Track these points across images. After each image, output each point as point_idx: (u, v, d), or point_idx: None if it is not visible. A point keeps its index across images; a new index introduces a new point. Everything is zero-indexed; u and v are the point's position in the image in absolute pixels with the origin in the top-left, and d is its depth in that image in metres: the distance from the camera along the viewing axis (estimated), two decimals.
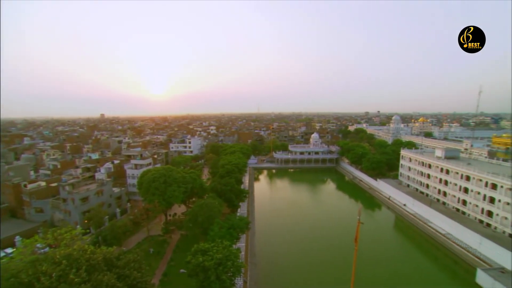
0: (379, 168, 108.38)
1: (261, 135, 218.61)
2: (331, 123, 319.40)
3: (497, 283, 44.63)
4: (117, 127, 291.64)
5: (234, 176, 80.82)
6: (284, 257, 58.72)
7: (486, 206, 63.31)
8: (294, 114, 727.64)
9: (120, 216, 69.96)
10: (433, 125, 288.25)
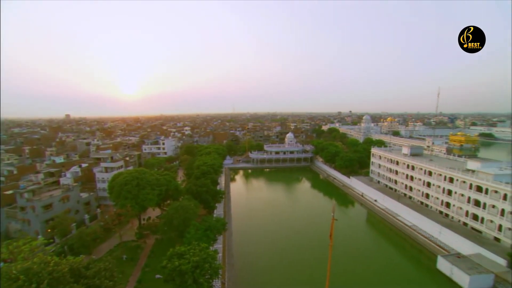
0: (352, 166, 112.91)
1: (237, 135, 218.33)
2: (305, 123, 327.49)
3: (454, 268, 48.70)
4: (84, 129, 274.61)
5: (210, 177, 79.93)
6: (262, 256, 59.20)
7: (445, 198, 68.72)
8: (269, 114, 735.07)
9: (89, 223, 66.06)
10: (400, 124, 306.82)
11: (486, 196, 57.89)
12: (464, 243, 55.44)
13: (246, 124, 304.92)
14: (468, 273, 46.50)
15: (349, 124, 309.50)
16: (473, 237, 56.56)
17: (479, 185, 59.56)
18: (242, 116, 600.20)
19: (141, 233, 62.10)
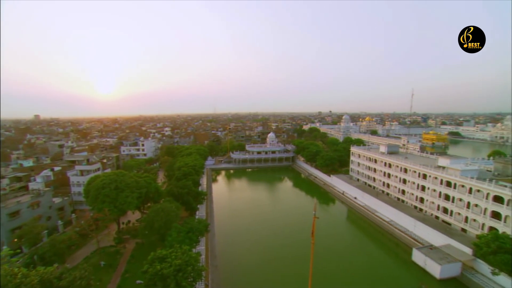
0: (332, 164, 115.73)
1: (218, 136, 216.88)
2: (286, 123, 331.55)
3: (428, 259, 51.47)
4: (57, 130, 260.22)
5: (191, 178, 78.77)
6: (245, 256, 59.20)
7: (419, 194, 72.36)
8: (250, 114, 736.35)
9: (63, 229, 62.59)
10: (377, 124, 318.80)
11: (455, 190, 61.67)
12: (436, 235, 58.73)
13: (228, 124, 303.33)
14: (439, 263, 49.38)
15: (329, 124, 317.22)
16: (444, 229, 60.08)
17: (449, 181, 63.34)
18: (224, 116, 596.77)
19: (120, 238, 59.92)
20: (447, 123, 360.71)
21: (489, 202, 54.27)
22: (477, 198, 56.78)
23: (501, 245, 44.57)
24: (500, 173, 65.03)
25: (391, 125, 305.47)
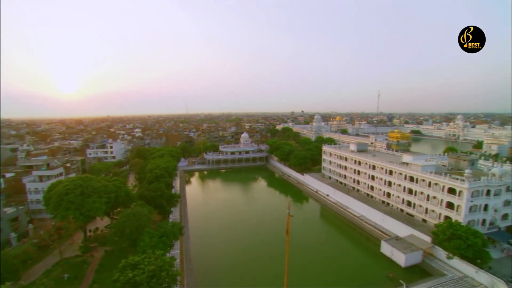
0: (305, 163, 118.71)
1: (191, 137, 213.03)
2: (260, 123, 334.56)
3: (394, 249, 54.99)
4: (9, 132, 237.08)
5: (164, 181, 76.46)
6: (221, 258, 58.70)
7: (386, 189, 76.97)
8: (223, 114, 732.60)
9: (17, 242, 56.86)
10: (347, 123, 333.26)
11: (417, 184, 66.55)
12: (401, 227, 62.89)
13: (201, 124, 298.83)
14: (404, 252, 52.97)
15: (301, 124, 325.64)
16: (408, 221, 64.52)
17: (412, 176, 68.16)
18: (196, 117, 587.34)
19: (87, 246, 56.28)
20: (409, 122, 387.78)
21: (445, 194, 59.39)
22: (435, 191, 61.81)
23: (454, 232, 49.13)
24: (453, 167, 71.29)
25: (360, 124, 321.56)
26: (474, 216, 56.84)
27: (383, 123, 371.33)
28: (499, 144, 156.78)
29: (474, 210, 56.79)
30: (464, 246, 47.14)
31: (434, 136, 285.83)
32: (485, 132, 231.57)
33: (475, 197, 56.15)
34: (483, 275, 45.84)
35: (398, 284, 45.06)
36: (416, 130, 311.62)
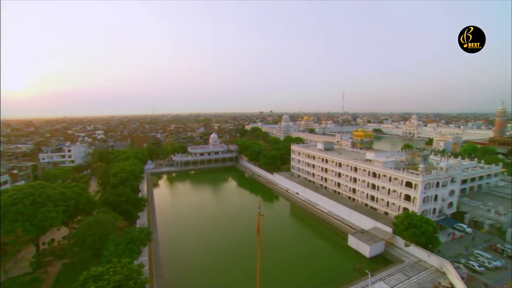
0: (274, 163, 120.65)
1: (158, 138, 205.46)
2: (229, 123, 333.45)
3: (360, 242, 58.33)
4: None
5: (130, 185, 72.79)
6: (192, 261, 57.30)
7: (352, 185, 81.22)
8: (192, 115, 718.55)
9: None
10: (314, 123, 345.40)
11: (379, 180, 71.25)
12: (366, 220, 66.89)
13: (168, 125, 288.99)
14: (368, 243, 56.47)
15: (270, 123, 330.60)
16: (372, 214, 68.80)
17: (374, 172, 72.80)
18: (163, 118, 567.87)
19: (40, 261, 51.19)
20: (371, 121, 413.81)
21: (403, 187, 64.43)
22: (394, 185, 66.73)
23: (410, 221, 53.65)
24: (409, 162, 77.61)
25: (327, 124, 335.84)
26: (427, 206, 62.46)
27: (348, 122, 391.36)
28: (445, 141, 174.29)
29: (426, 200, 62.38)
30: (419, 233, 51.69)
31: (393, 134, 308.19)
32: (434, 130, 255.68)
33: (427, 189, 61.71)
34: (433, 258, 50.87)
35: (364, 274, 47.82)
36: (378, 129, 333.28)
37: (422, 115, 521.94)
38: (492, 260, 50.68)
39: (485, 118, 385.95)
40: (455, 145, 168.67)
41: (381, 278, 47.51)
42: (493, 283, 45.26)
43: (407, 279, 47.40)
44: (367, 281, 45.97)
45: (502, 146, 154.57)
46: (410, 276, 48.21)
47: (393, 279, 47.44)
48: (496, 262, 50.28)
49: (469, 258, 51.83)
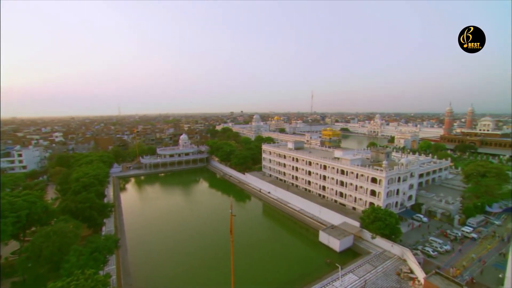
0: (246, 163, 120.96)
1: (125, 140, 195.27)
2: (199, 124, 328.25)
3: (330, 237, 60.74)
4: None
5: (94, 190, 68.15)
6: (164, 266, 55.25)
7: (321, 183, 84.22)
8: (161, 115, 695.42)
9: None
10: (285, 122, 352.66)
11: (347, 177, 74.78)
12: (335, 216, 69.81)
13: (135, 126, 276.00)
14: (338, 238, 59.04)
15: (241, 124, 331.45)
16: (341, 210, 72.00)
17: (342, 169, 76.22)
18: (130, 118, 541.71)
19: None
20: (339, 121, 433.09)
21: (369, 183, 68.36)
22: (361, 181, 70.52)
23: (376, 215, 57.07)
24: (374, 159, 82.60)
25: (297, 124, 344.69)
26: (390, 200, 66.99)
27: (317, 122, 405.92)
28: (405, 139, 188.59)
29: (390, 195, 66.90)
30: (383, 226, 55.24)
31: (359, 133, 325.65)
32: (395, 129, 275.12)
33: (390, 184, 66.18)
34: (396, 248, 54.91)
35: (335, 267, 49.90)
36: (345, 128, 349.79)
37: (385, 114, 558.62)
38: (443, 244, 56.34)
39: (437, 118, 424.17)
40: (413, 143, 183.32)
41: (351, 270, 49.93)
42: (444, 265, 50.25)
43: (374, 268, 50.40)
44: (337, 274, 48.02)
45: (451, 143, 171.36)
46: (376, 266, 51.33)
47: (361, 270, 50.11)
48: (446, 246, 56.01)
49: (425, 245, 56.85)
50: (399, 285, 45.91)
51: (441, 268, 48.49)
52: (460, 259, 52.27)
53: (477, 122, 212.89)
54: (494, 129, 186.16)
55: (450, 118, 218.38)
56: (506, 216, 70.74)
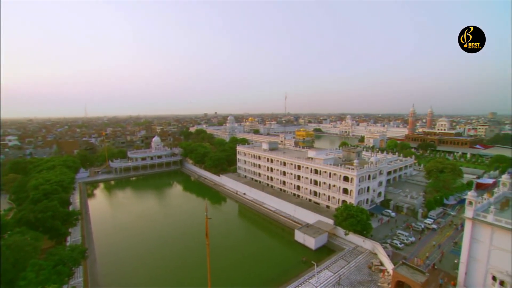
0: (221, 164, 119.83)
1: (92, 143, 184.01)
2: (172, 126, 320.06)
3: (305, 236, 61.99)
4: None
5: (57, 197, 63.20)
6: (138, 274, 52.64)
7: (296, 182, 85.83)
8: (131, 117, 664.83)
9: None
10: (259, 123, 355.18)
11: (320, 176, 76.98)
12: (310, 215, 71.45)
13: (104, 129, 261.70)
14: (313, 236, 60.44)
15: (215, 125, 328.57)
16: (315, 209, 73.85)
17: (316, 169, 78.33)
18: (98, 120, 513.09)
19: None
20: (312, 121, 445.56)
21: (341, 182, 70.96)
22: (334, 180, 73.00)
23: (349, 212, 59.41)
24: (346, 159, 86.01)
25: (271, 124, 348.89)
26: (361, 197, 70.08)
27: (291, 122, 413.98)
28: (374, 138, 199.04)
29: (361, 192, 70.00)
30: (356, 222, 57.65)
31: (332, 133, 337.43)
32: (365, 129, 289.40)
33: (361, 181, 69.29)
34: (368, 243, 57.45)
35: (311, 265, 51.00)
36: (318, 128, 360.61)
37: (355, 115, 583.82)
38: (409, 237, 60.36)
39: (402, 118, 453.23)
40: (381, 142, 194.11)
41: (326, 267, 51.34)
42: (409, 255, 53.86)
43: (347, 264, 52.33)
44: (313, 271, 49.13)
45: (414, 142, 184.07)
46: (349, 261, 53.33)
47: (335, 266, 51.75)
48: (411, 238, 60.08)
49: (393, 238, 60.37)
50: (371, 278, 48.10)
51: (407, 259, 51.72)
52: (423, 249, 56.41)
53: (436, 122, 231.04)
54: (449, 129, 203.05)
55: (413, 119, 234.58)
56: (460, 207, 77.38)
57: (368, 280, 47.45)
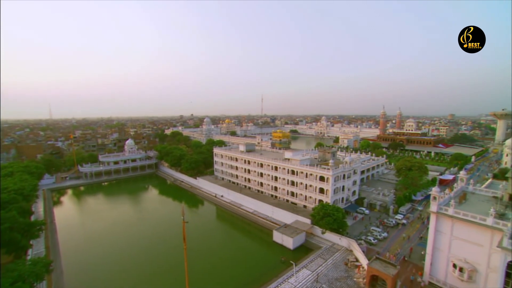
0: (198, 167, 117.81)
1: (59, 147, 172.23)
2: (146, 128, 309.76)
3: (284, 236, 62.62)
4: None
5: (17, 207, 58.02)
6: (110, 284, 49.89)
7: (273, 183, 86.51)
8: (102, 119, 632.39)
9: None
10: (236, 125, 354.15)
11: (297, 176, 78.27)
12: (288, 215, 72.28)
13: (72, 132, 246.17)
14: (291, 236, 61.21)
15: (191, 127, 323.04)
16: (292, 209, 74.89)
17: (292, 169, 79.53)
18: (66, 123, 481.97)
19: None
20: (289, 123, 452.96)
21: (317, 182, 72.69)
22: (310, 180, 74.58)
23: (325, 211, 60.87)
24: (321, 159, 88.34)
25: (248, 126, 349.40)
26: (337, 196, 72.26)
27: (267, 124, 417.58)
28: (348, 139, 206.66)
29: (337, 191, 72.18)
30: (332, 221, 59.21)
31: (308, 134, 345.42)
32: (339, 130, 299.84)
33: (336, 181, 71.46)
34: (344, 240, 59.31)
35: (289, 265, 51.51)
36: (294, 130, 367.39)
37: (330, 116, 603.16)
38: (382, 232, 63.30)
39: (374, 119, 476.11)
40: (355, 142, 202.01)
41: (304, 266, 52.16)
42: (382, 250, 56.58)
43: (325, 261, 53.58)
44: (292, 271, 49.66)
45: (385, 141, 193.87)
46: (327, 259, 54.65)
47: (314, 264, 52.76)
48: (384, 233, 63.09)
49: (367, 234, 62.97)
50: (347, 274, 49.65)
51: (380, 253, 54.15)
52: (394, 243, 59.49)
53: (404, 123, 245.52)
54: (416, 129, 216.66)
55: (384, 120, 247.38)
56: (426, 202, 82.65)
57: (344, 276, 48.92)
